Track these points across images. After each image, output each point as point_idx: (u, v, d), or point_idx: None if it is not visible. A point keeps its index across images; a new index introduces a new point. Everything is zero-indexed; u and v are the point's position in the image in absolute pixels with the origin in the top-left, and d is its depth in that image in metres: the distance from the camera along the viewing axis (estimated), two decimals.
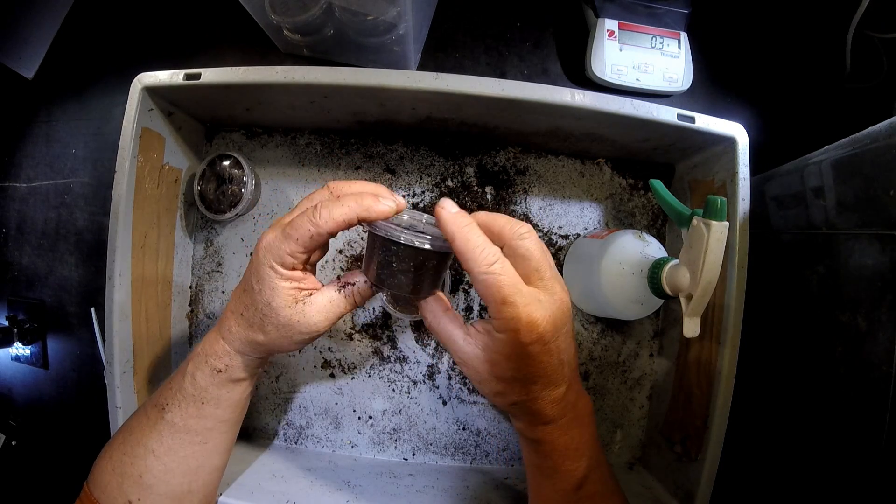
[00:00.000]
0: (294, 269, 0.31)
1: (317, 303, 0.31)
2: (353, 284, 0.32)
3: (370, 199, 0.29)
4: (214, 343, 0.33)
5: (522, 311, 0.28)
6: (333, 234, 0.30)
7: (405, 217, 0.32)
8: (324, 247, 0.33)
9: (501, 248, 0.30)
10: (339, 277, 0.33)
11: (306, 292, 0.32)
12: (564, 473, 0.32)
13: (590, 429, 0.33)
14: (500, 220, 0.30)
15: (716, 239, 0.33)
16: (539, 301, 0.28)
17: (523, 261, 0.29)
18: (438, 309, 0.32)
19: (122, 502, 0.33)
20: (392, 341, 0.51)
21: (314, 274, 0.34)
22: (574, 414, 0.32)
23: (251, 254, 0.31)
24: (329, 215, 0.29)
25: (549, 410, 0.31)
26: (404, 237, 0.29)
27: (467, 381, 0.51)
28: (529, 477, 0.35)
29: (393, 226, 0.29)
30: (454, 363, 0.50)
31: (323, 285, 0.33)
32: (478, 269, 0.28)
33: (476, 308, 0.50)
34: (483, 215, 0.31)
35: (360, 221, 0.30)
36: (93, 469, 0.34)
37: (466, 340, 0.31)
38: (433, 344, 0.51)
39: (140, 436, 0.34)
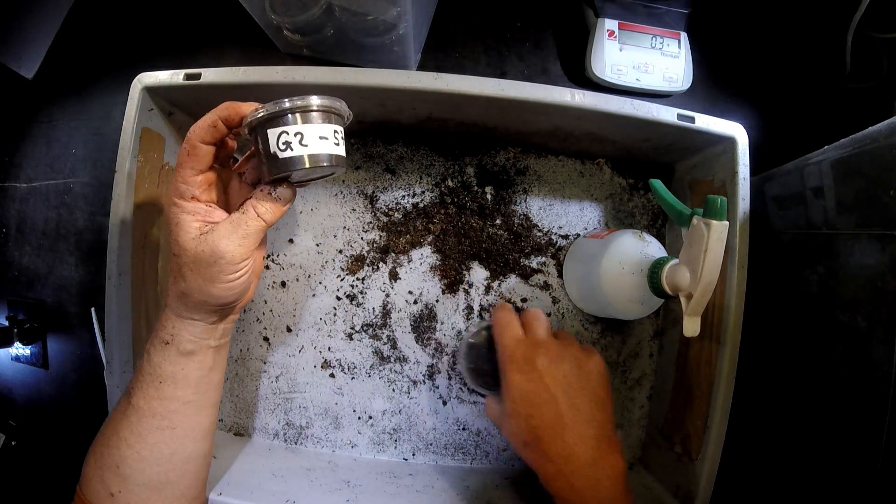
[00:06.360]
0: (194, 199, 0.31)
1: (220, 229, 0.30)
2: (251, 197, 0.31)
3: (228, 103, 0.30)
4: (161, 314, 0.34)
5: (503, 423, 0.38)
6: (210, 144, 0.31)
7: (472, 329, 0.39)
8: (214, 166, 0.32)
9: None
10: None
11: (211, 224, 0.31)
12: None
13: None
14: None
15: (716, 238, 0.33)
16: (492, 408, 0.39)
17: None
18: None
19: (104, 496, 0.32)
20: (392, 341, 0.51)
21: (226, 209, 0.34)
22: (575, 498, 0.34)
23: None
24: (194, 127, 0.30)
25: (547, 483, 0.35)
26: (287, 102, 0.28)
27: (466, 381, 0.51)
28: None
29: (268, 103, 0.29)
30: (453, 364, 0.50)
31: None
32: None
33: (476, 308, 0.50)
34: None
35: (226, 124, 0.30)
36: (82, 467, 0.34)
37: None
38: (433, 344, 0.51)
39: (114, 424, 0.33)
